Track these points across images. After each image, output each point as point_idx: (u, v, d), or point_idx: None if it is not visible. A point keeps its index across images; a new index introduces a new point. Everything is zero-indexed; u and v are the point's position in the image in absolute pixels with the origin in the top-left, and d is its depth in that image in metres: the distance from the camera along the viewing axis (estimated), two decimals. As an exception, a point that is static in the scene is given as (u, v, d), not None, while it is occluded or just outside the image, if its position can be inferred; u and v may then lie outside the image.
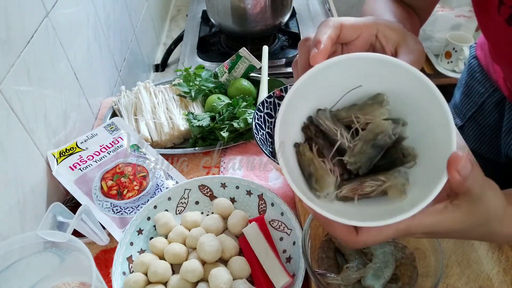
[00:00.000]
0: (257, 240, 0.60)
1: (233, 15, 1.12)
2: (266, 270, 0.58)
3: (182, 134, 0.82)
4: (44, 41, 0.68)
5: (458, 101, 0.90)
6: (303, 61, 0.43)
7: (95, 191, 0.68)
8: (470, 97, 0.85)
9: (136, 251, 0.62)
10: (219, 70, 0.94)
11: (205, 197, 0.69)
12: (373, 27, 0.44)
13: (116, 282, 0.56)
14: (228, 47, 1.23)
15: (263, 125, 0.67)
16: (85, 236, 0.61)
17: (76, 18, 0.81)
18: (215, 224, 0.63)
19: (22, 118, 0.61)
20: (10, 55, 0.58)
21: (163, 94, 0.88)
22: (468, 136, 0.87)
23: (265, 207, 0.66)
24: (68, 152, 0.71)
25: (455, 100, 0.92)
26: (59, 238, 0.50)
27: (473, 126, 0.86)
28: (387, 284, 0.51)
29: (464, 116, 0.87)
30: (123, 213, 0.67)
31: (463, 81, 0.89)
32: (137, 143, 0.77)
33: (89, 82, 0.86)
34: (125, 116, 0.84)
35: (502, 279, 0.57)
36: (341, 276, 0.52)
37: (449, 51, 1.77)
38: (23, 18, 0.62)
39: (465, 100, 0.87)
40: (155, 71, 1.30)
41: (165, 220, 0.63)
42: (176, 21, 1.51)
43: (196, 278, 0.56)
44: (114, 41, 1.00)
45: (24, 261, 0.51)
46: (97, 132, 0.76)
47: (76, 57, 0.79)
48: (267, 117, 0.68)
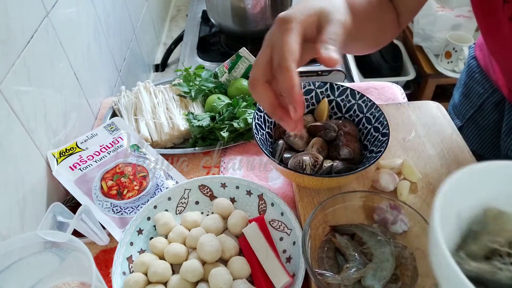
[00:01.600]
0: (257, 240, 0.60)
1: (233, 15, 1.12)
2: (266, 270, 0.58)
3: (182, 134, 0.82)
4: (44, 41, 0.68)
5: (457, 101, 0.89)
6: (267, 104, 0.45)
7: (95, 191, 0.68)
8: (469, 97, 0.85)
9: (136, 251, 0.62)
10: (219, 70, 0.94)
11: (205, 197, 0.69)
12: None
13: (116, 282, 0.56)
14: (228, 47, 1.23)
15: (263, 125, 0.67)
16: (85, 236, 0.61)
17: (76, 18, 0.81)
18: (215, 224, 0.63)
19: (22, 118, 0.61)
20: (10, 55, 0.58)
21: (163, 94, 0.88)
22: (467, 136, 0.86)
23: (265, 207, 0.66)
24: (68, 152, 0.71)
25: (454, 100, 0.91)
26: (59, 238, 0.50)
27: (472, 127, 0.86)
28: (387, 284, 0.51)
29: (464, 117, 0.87)
30: (123, 213, 0.67)
31: (462, 81, 0.88)
32: (137, 143, 0.77)
33: (89, 82, 0.86)
34: (125, 116, 0.84)
35: (502, 279, 0.56)
36: (341, 276, 0.52)
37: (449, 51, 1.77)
38: (23, 18, 0.62)
39: (464, 100, 0.86)
40: (155, 71, 1.30)
41: (165, 220, 0.63)
42: (176, 21, 1.51)
43: (196, 278, 0.56)
44: (114, 41, 1.00)
45: (24, 261, 0.51)
46: (97, 132, 0.76)
47: (76, 57, 0.79)
48: (267, 117, 0.68)
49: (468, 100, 0.85)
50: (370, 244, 0.55)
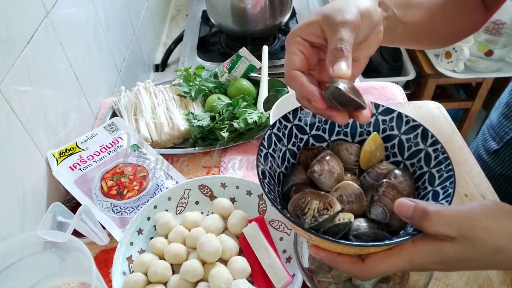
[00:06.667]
0: (257, 240, 0.60)
1: (233, 15, 1.12)
2: (266, 270, 0.58)
3: (182, 134, 0.82)
4: (44, 41, 0.68)
5: (496, 122, 0.81)
6: (300, 95, 0.43)
7: (95, 191, 0.68)
8: (510, 118, 0.77)
9: (136, 251, 0.62)
10: (219, 70, 0.94)
11: (205, 197, 0.69)
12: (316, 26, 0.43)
13: (116, 282, 0.56)
14: (228, 47, 1.23)
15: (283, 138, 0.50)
16: (85, 236, 0.61)
17: (76, 18, 0.81)
18: (215, 224, 0.63)
19: (22, 118, 0.61)
20: (10, 55, 0.58)
21: (163, 94, 0.88)
22: (503, 160, 0.79)
23: (265, 207, 0.66)
24: (68, 152, 0.71)
25: (492, 121, 0.84)
26: (59, 238, 0.50)
27: (510, 151, 0.78)
28: (378, 283, 0.52)
29: (501, 139, 0.79)
30: (123, 213, 0.67)
31: (503, 101, 0.81)
32: (137, 143, 0.77)
33: (89, 82, 0.86)
34: (125, 116, 0.84)
35: (502, 279, 0.57)
36: (331, 274, 0.52)
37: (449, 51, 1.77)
38: (23, 18, 0.62)
39: (504, 121, 0.79)
40: (155, 71, 1.30)
41: (165, 220, 0.63)
42: (176, 21, 1.51)
43: (196, 278, 0.56)
44: (114, 41, 1.00)
45: (24, 261, 0.51)
46: (97, 132, 0.76)
47: (76, 57, 0.79)
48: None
49: (509, 121, 0.78)
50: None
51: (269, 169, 0.47)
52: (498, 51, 1.70)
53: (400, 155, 0.49)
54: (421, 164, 0.47)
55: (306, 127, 0.50)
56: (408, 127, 0.48)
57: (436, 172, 0.45)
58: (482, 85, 1.83)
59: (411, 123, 0.48)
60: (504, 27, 1.61)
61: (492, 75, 1.78)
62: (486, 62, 1.74)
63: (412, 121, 0.48)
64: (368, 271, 0.39)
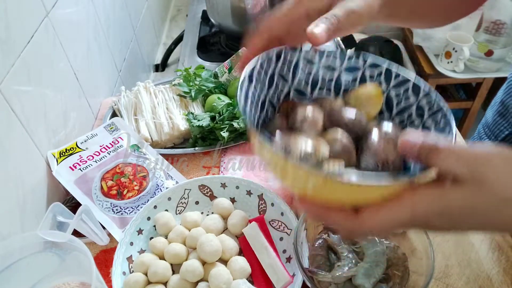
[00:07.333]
0: (257, 240, 0.60)
1: (233, 15, 1.12)
2: (266, 270, 0.58)
3: (182, 134, 0.82)
4: (44, 41, 0.68)
5: (490, 120, 0.82)
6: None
7: (95, 191, 0.68)
8: (505, 117, 0.77)
9: (136, 251, 0.62)
10: (219, 70, 0.94)
11: (205, 197, 0.69)
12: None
13: (116, 282, 0.56)
14: (228, 47, 1.23)
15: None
16: (85, 236, 0.61)
17: (76, 18, 0.81)
18: (215, 224, 0.63)
19: (22, 118, 0.61)
20: (10, 55, 0.58)
21: (163, 94, 0.88)
22: None
23: (265, 207, 0.66)
24: (68, 152, 0.71)
25: (487, 119, 0.84)
26: (59, 238, 0.50)
27: None
28: (378, 283, 0.52)
29: (496, 137, 0.79)
30: (123, 213, 0.67)
31: (498, 99, 0.80)
32: (137, 143, 0.77)
33: (89, 82, 0.86)
34: (125, 116, 0.84)
35: (502, 279, 0.57)
36: (331, 274, 0.52)
37: (449, 51, 1.77)
38: (23, 18, 0.62)
39: (499, 120, 0.79)
40: (155, 71, 1.30)
41: (165, 220, 0.63)
42: (176, 21, 1.51)
43: (196, 278, 0.56)
44: (114, 41, 1.00)
45: (24, 261, 0.51)
46: (97, 132, 0.76)
47: (76, 57, 0.79)
48: None
49: (504, 119, 0.78)
50: (362, 243, 0.55)
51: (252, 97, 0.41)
52: (498, 51, 1.70)
53: (388, 111, 0.44)
54: (413, 118, 0.43)
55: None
56: (397, 82, 0.43)
57: (431, 121, 0.41)
58: (482, 85, 1.83)
59: (400, 78, 0.43)
60: (504, 27, 1.61)
61: (492, 75, 1.78)
62: (486, 62, 1.74)
63: (400, 75, 0.43)
64: (363, 224, 0.33)
